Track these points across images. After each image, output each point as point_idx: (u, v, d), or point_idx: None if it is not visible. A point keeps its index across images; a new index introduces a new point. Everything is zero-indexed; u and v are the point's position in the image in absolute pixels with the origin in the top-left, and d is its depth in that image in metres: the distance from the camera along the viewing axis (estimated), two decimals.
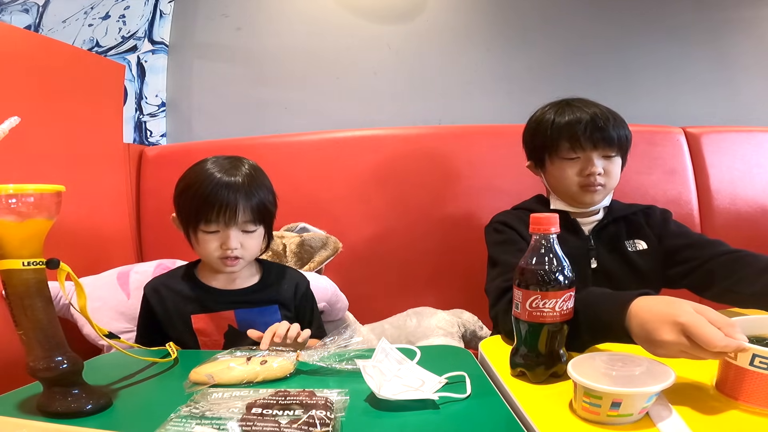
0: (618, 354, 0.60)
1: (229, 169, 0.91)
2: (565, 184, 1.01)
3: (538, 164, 1.07)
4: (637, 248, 1.01)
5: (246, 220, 0.90)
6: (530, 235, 0.65)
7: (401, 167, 1.48)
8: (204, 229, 0.89)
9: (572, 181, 1.00)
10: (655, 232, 1.03)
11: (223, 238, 0.89)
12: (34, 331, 0.59)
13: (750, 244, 0.98)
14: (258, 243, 0.94)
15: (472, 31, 1.69)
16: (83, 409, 0.60)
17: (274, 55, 1.68)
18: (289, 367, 0.70)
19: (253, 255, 0.95)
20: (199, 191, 0.88)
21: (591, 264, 1.00)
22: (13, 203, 0.57)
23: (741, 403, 0.56)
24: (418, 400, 0.60)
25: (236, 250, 0.89)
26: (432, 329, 1.25)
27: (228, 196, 0.87)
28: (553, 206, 1.05)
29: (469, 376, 0.66)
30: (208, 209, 0.87)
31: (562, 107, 1.03)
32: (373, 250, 1.46)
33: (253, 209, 0.90)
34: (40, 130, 1.12)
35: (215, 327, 0.93)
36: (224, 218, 0.88)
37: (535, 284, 0.63)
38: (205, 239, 0.90)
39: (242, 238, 0.90)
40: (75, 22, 1.62)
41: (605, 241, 1.02)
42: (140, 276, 1.17)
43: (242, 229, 0.91)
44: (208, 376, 0.67)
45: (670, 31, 1.69)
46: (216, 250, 0.90)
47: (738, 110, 1.70)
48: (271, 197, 0.96)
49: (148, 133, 1.66)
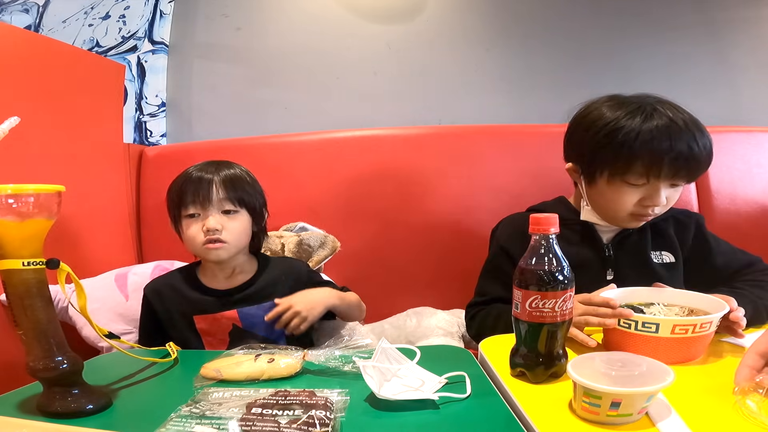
0: (618, 354, 0.60)
1: (208, 164, 0.96)
2: (616, 209, 0.87)
3: (585, 173, 0.90)
4: (663, 261, 0.93)
5: (222, 197, 0.91)
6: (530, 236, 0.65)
7: (401, 167, 1.48)
8: (185, 213, 0.92)
9: (626, 208, 0.86)
10: (686, 245, 0.94)
11: (203, 219, 0.91)
12: (34, 331, 0.59)
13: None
14: (241, 228, 0.94)
15: (472, 31, 1.69)
16: (83, 409, 0.60)
17: (274, 55, 1.68)
18: (295, 367, 0.70)
19: (238, 241, 0.94)
20: (177, 182, 0.94)
21: (607, 275, 0.93)
22: (13, 203, 0.57)
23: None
24: (418, 400, 0.60)
25: (217, 232, 0.90)
26: (432, 329, 1.25)
27: (203, 177, 0.92)
28: (584, 217, 0.93)
29: (469, 376, 0.66)
30: (185, 192, 0.92)
31: (647, 116, 0.81)
32: (373, 250, 1.46)
33: (227, 186, 0.92)
34: (40, 130, 1.12)
35: (219, 327, 0.94)
36: (200, 198, 0.90)
37: (534, 284, 0.63)
38: (188, 225, 0.92)
39: (223, 220, 0.92)
40: (75, 22, 1.62)
41: (629, 252, 0.93)
42: (138, 277, 1.16)
43: (222, 210, 0.92)
44: (215, 370, 0.69)
45: (670, 31, 1.69)
46: (198, 234, 0.91)
47: (738, 110, 1.70)
48: (251, 180, 0.98)
49: (148, 133, 1.66)
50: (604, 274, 0.93)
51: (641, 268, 0.92)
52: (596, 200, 0.90)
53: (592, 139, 0.86)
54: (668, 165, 0.81)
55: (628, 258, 0.93)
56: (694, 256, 0.95)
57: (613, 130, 0.83)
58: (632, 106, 0.84)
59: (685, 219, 0.94)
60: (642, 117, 0.82)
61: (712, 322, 0.67)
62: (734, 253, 0.95)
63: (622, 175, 0.83)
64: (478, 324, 0.95)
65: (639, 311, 0.72)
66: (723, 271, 0.92)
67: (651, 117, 0.82)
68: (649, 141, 0.80)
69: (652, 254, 0.93)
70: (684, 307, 0.74)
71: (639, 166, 0.81)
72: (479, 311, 0.97)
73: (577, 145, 0.91)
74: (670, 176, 0.82)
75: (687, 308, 0.74)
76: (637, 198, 0.85)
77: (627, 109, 0.84)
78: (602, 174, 0.86)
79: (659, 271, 0.92)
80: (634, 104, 0.85)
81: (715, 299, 0.72)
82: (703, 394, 0.59)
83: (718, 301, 0.71)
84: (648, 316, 0.68)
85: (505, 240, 0.98)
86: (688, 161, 0.81)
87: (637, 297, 0.78)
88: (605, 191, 0.87)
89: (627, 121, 0.82)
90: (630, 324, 0.68)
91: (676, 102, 0.87)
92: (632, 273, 0.91)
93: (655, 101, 0.85)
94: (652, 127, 0.80)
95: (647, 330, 0.67)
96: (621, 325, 0.69)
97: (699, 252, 0.95)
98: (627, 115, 0.83)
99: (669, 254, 0.94)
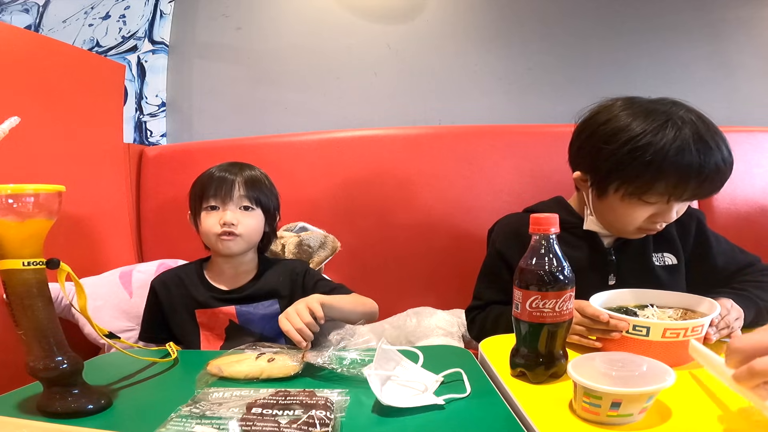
0: (618, 354, 0.60)
1: (233, 165, 1.02)
2: (624, 223, 0.83)
3: (596, 185, 0.84)
4: (665, 263, 0.91)
5: (242, 194, 0.98)
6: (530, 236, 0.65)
7: (401, 167, 1.48)
8: (206, 205, 0.98)
9: (635, 224, 0.82)
10: (688, 246, 0.92)
11: (221, 213, 0.96)
12: (34, 331, 0.59)
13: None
14: (256, 225, 0.99)
15: (472, 31, 1.69)
16: (83, 409, 0.60)
17: (274, 55, 1.68)
18: (294, 368, 0.70)
19: (250, 237, 0.99)
20: (203, 177, 1.01)
21: (609, 280, 0.90)
22: (13, 203, 0.57)
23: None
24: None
25: (233, 226, 0.95)
26: (432, 329, 1.25)
27: (227, 175, 0.99)
28: (587, 226, 0.89)
29: (469, 376, 0.66)
30: (208, 187, 0.98)
31: (676, 133, 0.73)
32: (373, 249, 1.46)
33: (247, 184, 0.98)
34: (40, 130, 1.12)
35: (217, 321, 0.98)
36: (221, 193, 0.97)
37: (535, 284, 0.63)
38: (207, 217, 0.98)
39: (240, 216, 0.97)
40: (75, 22, 1.62)
41: (630, 255, 0.91)
42: (143, 275, 1.18)
43: (240, 206, 0.97)
44: (216, 368, 0.70)
45: (671, 31, 1.69)
46: (215, 225, 0.96)
47: (737, 110, 1.70)
48: (268, 183, 1.04)
49: (148, 133, 1.66)
50: (606, 279, 0.91)
51: (643, 271, 0.90)
52: (604, 213, 0.86)
53: (613, 153, 0.78)
54: (694, 186, 0.75)
55: (630, 262, 0.91)
56: (695, 255, 0.93)
57: (639, 147, 0.74)
58: (659, 117, 0.76)
59: (685, 218, 0.89)
60: (673, 132, 0.74)
61: (703, 325, 0.66)
62: (734, 252, 0.93)
63: (641, 194, 0.77)
64: (479, 327, 0.96)
65: (632, 314, 0.71)
66: (723, 271, 0.91)
67: (681, 131, 0.74)
68: (679, 161, 0.73)
69: (653, 256, 0.91)
70: (678, 309, 0.74)
71: (662, 186, 0.75)
72: (478, 314, 0.97)
73: (591, 156, 0.83)
74: (692, 196, 0.77)
75: (681, 310, 0.73)
76: (648, 214, 0.80)
77: (654, 122, 0.75)
78: (617, 190, 0.80)
79: (661, 275, 0.90)
80: (661, 115, 0.76)
81: (711, 301, 0.71)
82: (695, 399, 0.59)
83: (712, 302, 0.71)
84: (638, 319, 0.68)
85: (501, 243, 0.96)
86: (714, 181, 0.76)
87: (631, 299, 0.77)
88: (616, 207, 0.82)
89: (655, 137, 0.74)
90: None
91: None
92: (634, 276, 0.89)
93: (683, 111, 0.77)
94: (683, 146, 0.73)
95: (638, 333, 0.67)
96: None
97: (700, 251, 0.93)
98: (655, 129, 0.75)
99: (671, 255, 0.92)
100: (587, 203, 0.89)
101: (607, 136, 0.79)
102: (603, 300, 0.75)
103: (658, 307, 0.75)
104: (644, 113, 0.77)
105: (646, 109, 0.78)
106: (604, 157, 0.79)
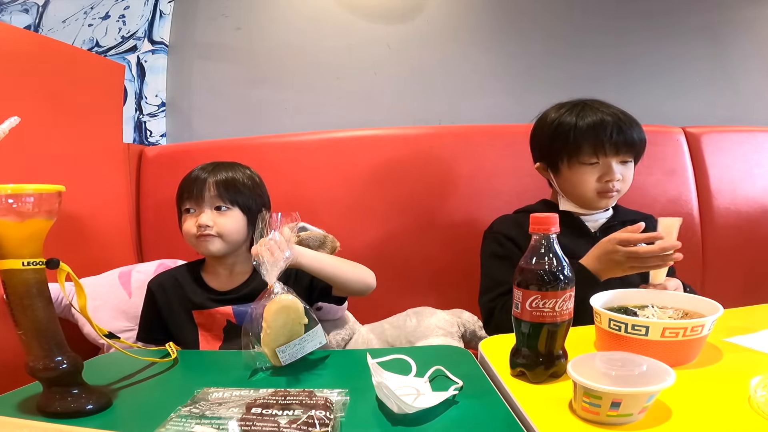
0: (618, 354, 0.60)
1: (208, 165, 1.01)
2: (582, 189, 1.03)
3: (550, 167, 1.07)
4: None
5: (214, 194, 0.97)
6: (530, 236, 0.65)
7: (401, 167, 1.48)
8: (183, 208, 0.99)
9: (590, 187, 1.02)
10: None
11: (197, 215, 0.97)
12: (34, 331, 0.59)
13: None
14: (234, 225, 0.98)
15: (472, 30, 1.69)
16: (83, 409, 0.60)
17: (274, 55, 1.68)
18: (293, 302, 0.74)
19: (230, 237, 0.98)
20: (182, 180, 1.01)
21: None
22: (13, 203, 0.57)
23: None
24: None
25: (208, 228, 0.96)
26: (432, 329, 1.25)
27: (199, 176, 0.99)
28: (563, 207, 1.07)
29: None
30: (184, 189, 0.99)
31: (581, 109, 1.02)
32: (372, 249, 1.46)
33: (220, 185, 0.97)
34: (40, 130, 1.12)
35: (214, 322, 0.98)
36: (194, 194, 0.97)
37: (535, 284, 0.63)
38: (185, 219, 0.99)
39: (215, 216, 0.97)
40: (75, 22, 1.62)
41: None
42: (142, 275, 1.18)
43: (214, 206, 0.97)
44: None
45: (670, 31, 1.69)
46: (192, 227, 0.97)
47: (738, 110, 1.70)
48: (250, 183, 1.01)
49: (148, 133, 1.66)
50: None
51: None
52: (566, 187, 1.06)
53: (546, 135, 1.05)
54: (608, 140, 0.98)
55: None
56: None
57: (562, 123, 1.02)
58: (573, 103, 1.05)
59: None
60: (581, 105, 1.03)
61: (704, 325, 0.66)
62: None
63: (578, 157, 1.01)
64: (507, 314, 0.94)
65: (632, 314, 0.72)
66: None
67: (588, 107, 1.02)
68: (589, 122, 0.99)
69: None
70: (678, 310, 0.74)
71: (587, 146, 0.99)
72: (506, 302, 0.97)
73: (540, 146, 1.10)
74: (614, 151, 0.99)
75: (681, 311, 0.73)
76: (596, 176, 1.01)
77: (568, 105, 1.04)
78: (563, 162, 1.03)
79: None
80: (577, 103, 1.04)
81: (712, 302, 0.71)
82: (695, 399, 0.59)
83: (713, 303, 0.71)
84: (638, 319, 0.67)
85: (506, 230, 1.07)
86: (625, 132, 0.99)
87: (631, 299, 0.77)
88: (569, 176, 1.03)
89: (571, 113, 1.02)
90: (620, 326, 0.67)
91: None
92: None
93: (592, 101, 1.04)
94: (589, 110, 1.00)
95: (637, 333, 0.66)
96: (611, 328, 0.68)
97: None
98: (569, 108, 1.03)
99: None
100: (555, 187, 1.09)
101: (542, 126, 1.08)
102: (603, 300, 0.75)
103: (658, 307, 0.75)
104: (563, 105, 1.05)
105: (567, 103, 1.05)
106: (546, 142, 1.06)
